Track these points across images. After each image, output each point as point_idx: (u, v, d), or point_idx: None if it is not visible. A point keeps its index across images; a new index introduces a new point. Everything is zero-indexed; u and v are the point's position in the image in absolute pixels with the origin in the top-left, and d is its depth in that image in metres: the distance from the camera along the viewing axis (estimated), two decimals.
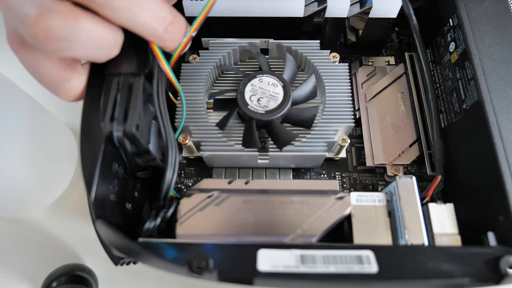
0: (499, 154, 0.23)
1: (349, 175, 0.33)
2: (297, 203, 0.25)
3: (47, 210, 0.34)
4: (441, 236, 0.24)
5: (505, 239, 0.23)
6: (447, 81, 0.30)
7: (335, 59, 0.31)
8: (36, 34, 0.18)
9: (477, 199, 0.26)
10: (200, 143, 0.29)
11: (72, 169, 0.35)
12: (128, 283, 0.31)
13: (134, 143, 0.23)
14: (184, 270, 0.20)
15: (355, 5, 0.32)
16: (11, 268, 0.32)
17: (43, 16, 0.18)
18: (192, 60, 0.32)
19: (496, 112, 0.24)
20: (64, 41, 0.19)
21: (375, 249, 0.21)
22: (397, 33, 0.38)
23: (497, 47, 0.27)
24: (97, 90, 0.23)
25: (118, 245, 0.21)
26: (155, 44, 0.23)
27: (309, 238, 0.24)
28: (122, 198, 0.24)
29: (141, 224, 0.25)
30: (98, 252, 0.23)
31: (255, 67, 0.34)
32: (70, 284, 0.28)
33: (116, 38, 0.21)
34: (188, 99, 0.30)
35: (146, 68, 0.23)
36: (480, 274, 0.20)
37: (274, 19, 0.32)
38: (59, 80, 0.22)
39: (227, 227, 0.24)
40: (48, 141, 0.32)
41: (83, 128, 0.22)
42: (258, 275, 0.20)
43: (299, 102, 0.31)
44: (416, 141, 0.33)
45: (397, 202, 0.25)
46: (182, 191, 0.32)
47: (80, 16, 0.19)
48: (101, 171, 0.21)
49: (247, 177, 0.32)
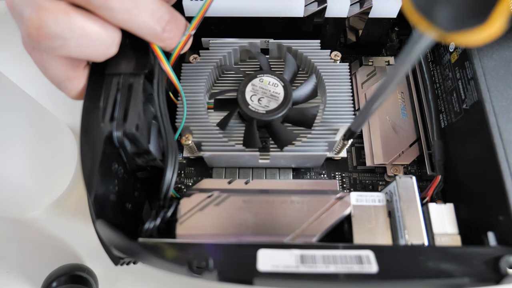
0: (499, 154, 0.23)
1: (349, 175, 0.33)
2: (297, 203, 0.25)
3: (47, 210, 0.34)
4: (441, 236, 0.24)
5: (505, 239, 0.23)
6: (447, 81, 0.30)
7: (337, 58, 0.31)
8: (29, 33, 0.19)
9: (477, 199, 0.26)
10: (201, 143, 0.29)
11: (72, 169, 0.35)
12: (128, 283, 0.31)
13: (134, 143, 0.23)
14: (184, 270, 0.20)
15: (355, 5, 0.32)
16: (11, 268, 0.32)
17: (36, 14, 0.19)
18: (192, 60, 0.32)
19: (496, 112, 0.24)
20: (58, 39, 0.19)
21: (375, 249, 0.21)
22: (397, 33, 0.38)
23: (497, 47, 0.27)
24: (97, 90, 0.23)
25: (118, 245, 0.21)
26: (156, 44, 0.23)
27: (309, 238, 0.24)
28: (122, 198, 0.24)
29: (141, 224, 0.25)
30: (98, 252, 0.23)
31: (256, 67, 0.34)
32: (70, 284, 0.28)
33: (112, 36, 0.21)
34: (189, 99, 0.30)
35: (146, 68, 0.23)
36: (480, 274, 0.20)
37: (274, 19, 0.32)
38: (63, 80, 0.22)
39: (227, 227, 0.24)
40: (48, 141, 0.32)
41: (83, 128, 0.22)
42: (258, 275, 0.20)
43: (299, 102, 0.31)
44: (416, 141, 0.33)
45: (397, 202, 0.25)
46: (182, 191, 0.32)
47: (73, 14, 0.19)
48: (101, 171, 0.21)
49: (247, 177, 0.32)
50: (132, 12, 0.20)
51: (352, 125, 0.25)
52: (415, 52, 0.17)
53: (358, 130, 0.25)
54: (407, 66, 0.18)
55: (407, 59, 0.17)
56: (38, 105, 0.31)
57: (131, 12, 0.20)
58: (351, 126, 0.25)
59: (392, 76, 0.19)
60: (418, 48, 0.16)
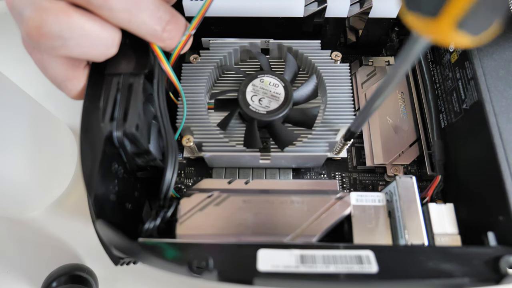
0: (499, 154, 0.23)
1: (349, 175, 0.33)
2: (297, 203, 0.25)
3: (47, 210, 0.34)
4: (441, 236, 0.24)
5: (505, 239, 0.23)
6: (447, 81, 0.30)
7: (337, 58, 0.31)
8: (29, 32, 0.19)
9: (477, 199, 0.26)
10: (202, 143, 0.29)
11: (72, 169, 0.35)
12: (128, 283, 0.31)
13: (134, 143, 0.23)
14: (184, 270, 0.20)
15: (355, 5, 0.32)
16: (11, 268, 0.32)
17: (36, 14, 0.19)
18: (193, 60, 0.32)
19: (496, 112, 0.24)
20: (57, 39, 0.19)
21: (375, 249, 0.21)
22: (397, 33, 0.38)
23: (497, 47, 0.26)
24: (97, 90, 0.23)
25: (118, 245, 0.21)
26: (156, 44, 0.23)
27: (309, 238, 0.24)
28: (122, 198, 0.24)
29: (141, 224, 0.25)
30: (98, 252, 0.23)
31: (256, 67, 0.34)
32: (70, 284, 0.28)
33: (112, 36, 0.21)
34: (189, 99, 0.30)
35: (146, 68, 0.23)
36: (480, 274, 0.20)
37: (274, 19, 0.32)
38: (63, 80, 0.22)
39: (227, 227, 0.24)
40: (48, 141, 0.32)
41: (83, 128, 0.22)
42: (258, 275, 0.20)
43: (300, 102, 0.31)
44: (416, 141, 0.33)
45: (397, 202, 0.25)
46: (182, 191, 0.32)
47: (73, 14, 0.19)
48: (101, 171, 0.21)
49: (247, 177, 0.32)
50: (132, 12, 0.20)
51: (352, 125, 0.25)
52: (414, 53, 0.17)
53: (358, 130, 0.25)
54: (406, 67, 0.18)
55: (406, 60, 0.17)
56: (38, 105, 0.31)
57: (131, 12, 0.20)
58: (351, 126, 0.25)
59: (391, 77, 0.19)
60: (416, 49, 0.16)
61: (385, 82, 0.20)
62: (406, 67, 0.18)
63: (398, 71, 0.18)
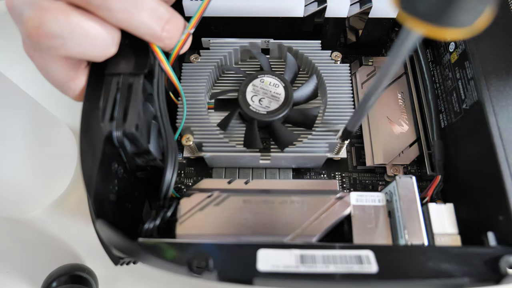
0: (499, 154, 0.23)
1: (349, 175, 0.33)
2: (297, 203, 0.25)
3: (47, 210, 0.34)
4: (441, 236, 0.24)
5: (505, 239, 0.23)
6: (447, 81, 0.30)
7: (337, 59, 0.31)
8: (29, 32, 0.19)
9: (477, 199, 0.26)
10: (202, 143, 0.29)
11: (72, 169, 0.35)
12: (128, 283, 0.31)
13: (133, 143, 0.23)
14: (184, 270, 0.20)
15: (355, 5, 0.32)
16: (11, 268, 0.32)
17: (36, 14, 0.19)
18: (193, 60, 0.32)
19: (496, 112, 0.24)
20: (57, 39, 0.19)
21: (375, 249, 0.21)
22: (397, 33, 0.38)
23: (497, 47, 0.26)
24: (97, 90, 0.23)
25: (118, 245, 0.21)
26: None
27: (309, 238, 0.24)
28: (122, 198, 0.24)
29: (141, 224, 0.25)
30: (98, 252, 0.23)
31: (256, 67, 0.34)
32: (70, 284, 0.28)
33: (112, 36, 0.21)
34: (189, 99, 0.30)
35: (145, 67, 0.23)
36: (480, 274, 0.20)
37: (274, 19, 0.32)
38: (65, 81, 0.22)
39: (227, 227, 0.24)
40: (48, 141, 0.32)
41: (83, 128, 0.22)
42: (258, 275, 0.20)
43: (300, 102, 0.31)
44: (416, 141, 0.33)
45: (397, 202, 0.25)
46: (182, 191, 0.32)
47: (72, 14, 0.19)
48: (101, 171, 0.21)
49: (247, 177, 0.32)
50: (131, 12, 0.20)
51: (348, 124, 0.25)
52: (406, 46, 0.16)
53: (354, 129, 0.25)
54: (399, 62, 0.17)
55: (398, 55, 0.17)
56: (38, 105, 0.31)
57: (130, 11, 0.20)
58: (347, 125, 0.25)
59: (383, 73, 0.19)
60: (408, 42, 0.16)
61: (379, 78, 0.19)
62: (398, 62, 0.17)
63: (390, 66, 0.18)
